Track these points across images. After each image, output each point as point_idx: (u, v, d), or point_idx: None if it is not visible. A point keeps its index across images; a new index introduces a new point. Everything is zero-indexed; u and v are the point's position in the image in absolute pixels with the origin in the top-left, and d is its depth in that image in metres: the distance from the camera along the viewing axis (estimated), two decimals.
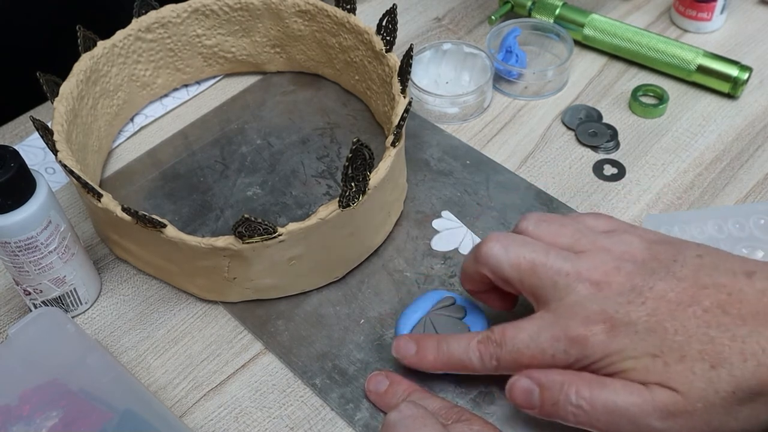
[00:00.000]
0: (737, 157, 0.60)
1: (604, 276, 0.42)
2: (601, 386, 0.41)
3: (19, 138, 0.66)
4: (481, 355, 0.44)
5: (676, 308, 0.40)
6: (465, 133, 0.64)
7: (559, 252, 0.43)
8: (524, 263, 0.43)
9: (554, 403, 0.41)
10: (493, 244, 0.44)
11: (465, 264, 0.47)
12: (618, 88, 0.66)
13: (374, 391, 0.47)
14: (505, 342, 0.43)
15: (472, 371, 0.45)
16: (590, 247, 0.44)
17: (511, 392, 0.43)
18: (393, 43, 0.58)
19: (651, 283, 0.41)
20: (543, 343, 0.42)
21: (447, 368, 0.46)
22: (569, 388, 0.41)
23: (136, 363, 0.51)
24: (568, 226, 0.45)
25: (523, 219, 0.46)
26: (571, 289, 0.42)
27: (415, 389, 0.46)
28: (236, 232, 0.47)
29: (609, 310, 0.41)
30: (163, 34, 0.63)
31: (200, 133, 0.64)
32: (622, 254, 0.43)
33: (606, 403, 0.40)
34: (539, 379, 0.42)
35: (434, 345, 0.46)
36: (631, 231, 0.45)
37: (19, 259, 0.48)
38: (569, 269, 0.42)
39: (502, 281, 0.45)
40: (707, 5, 0.68)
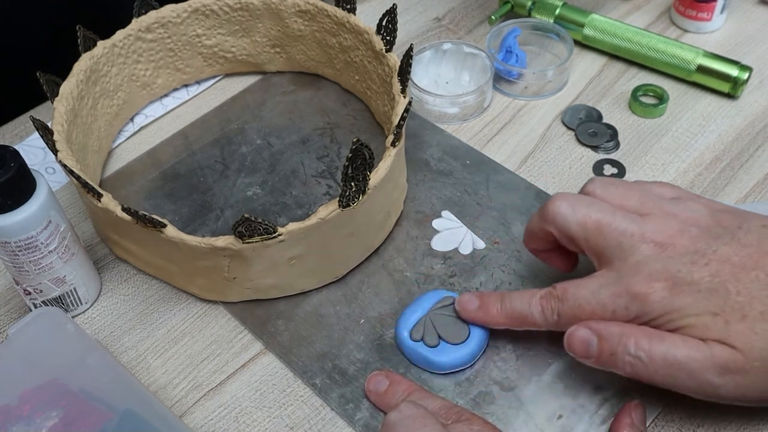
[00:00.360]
0: (737, 157, 0.60)
1: (668, 238, 0.43)
2: (661, 339, 0.41)
3: (19, 138, 0.66)
4: (543, 309, 0.45)
5: (739, 271, 0.41)
6: (465, 133, 0.64)
7: (625, 214, 0.44)
8: (590, 222, 0.44)
9: (612, 353, 0.42)
10: (560, 203, 0.45)
11: (530, 222, 0.48)
12: (618, 88, 0.66)
13: (374, 391, 0.47)
14: (567, 297, 0.44)
15: (534, 326, 0.46)
16: (656, 211, 0.45)
17: (569, 342, 0.44)
18: (393, 43, 0.58)
19: (715, 246, 0.42)
20: (604, 299, 0.43)
21: (509, 322, 0.47)
22: (628, 339, 0.42)
23: (136, 363, 0.51)
24: (635, 190, 0.46)
25: (591, 182, 0.47)
26: (635, 249, 0.43)
27: (415, 389, 0.46)
28: (236, 232, 0.47)
29: (672, 269, 0.42)
30: (163, 34, 0.63)
31: (200, 133, 0.64)
32: (687, 219, 0.44)
33: (665, 356, 0.41)
34: (598, 329, 0.43)
35: (497, 300, 0.47)
36: (697, 199, 0.46)
37: (19, 259, 0.48)
38: (634, 230, 0.43)
39: (567, 239, 0.46)
40: (707, 5, 0.68)
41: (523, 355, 0.49)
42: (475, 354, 0.49)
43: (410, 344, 0.49)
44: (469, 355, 0.48)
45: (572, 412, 0.47)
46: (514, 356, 0.49)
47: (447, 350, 0.48)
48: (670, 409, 0.47)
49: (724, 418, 0.46)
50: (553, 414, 0.47)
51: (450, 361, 0.48)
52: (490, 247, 0.55)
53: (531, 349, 0.50)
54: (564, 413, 0.47)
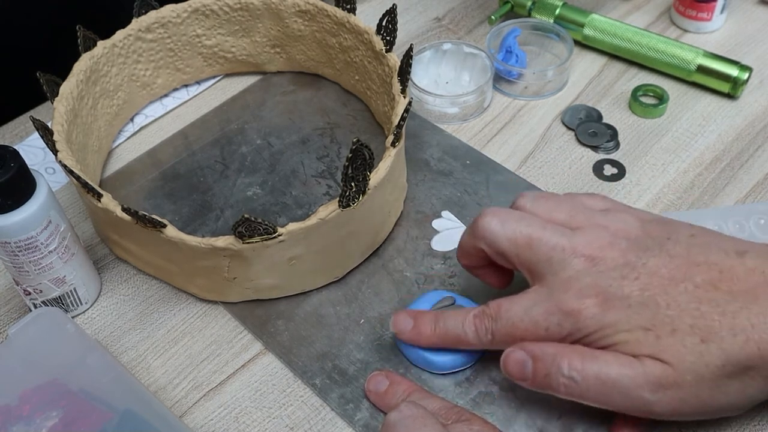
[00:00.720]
0: (737, 157, 0.60)
1: (598, 251, 0.43)
2: (593, 358, 0.41)
3: (19, 138, 0.66)
4: (477, 329, 0.45)
5: (668, 283, 0.41)
6: (465, 133, 0.64)
7: (555, 227, 0.44)
8: (521, 238, 0.44)
9: (546, 375, 0.42)
10: (490, 219, 0.45)
11: (462, 239, 0.48)
12: (618, 88, 0.66)
13: (374, 391, 0.47)
14: (500, 315, 0.44)
15: (468, 346, 0.46)
16: (586, 223, 0.44)
17: (505, 364, 0.44)
18: (393, 43, 0.58)
19: (644, 259, 0.42)
20: (537, 317, 0.43)
21: (443, 343, 0.47)
22: (561, 359, 0.42)
23: (136, 363, 0.51)
24: (565, 203, 0.46)
25: (520, 196, 0.47)
26: (566, 263, 0.43)
27: (415, 389, 0.46)
28: (236, 232, 0.47)
29: (602, 284, 0.42)
30: (163, 34, 0.63)
31: (200, 133, 0.64)
32: (616, 231, 0.44)
33: (598, 375, 0.41)
34: (533, 350, 0.43)
35: (431, 320, 0.47)
36: (626, 210, 0.46)
37: (19, 259, 0.48)
38: (565, 244, 0.43)
39: (499, 255, 0.45)
40: (707, 5, 0.68)
41: None
42: (475, 354, 0.49)
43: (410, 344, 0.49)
44: (469, 355, 0.48)
45: (572, 412, 0.47)
46: None
47: (447, 350, 0.48)
48: None
49: (725, 418, 0.46)
50: (553, 414, 0.47)
51: (450, 361, 0.48)
52: None
53: None
54: (564, 413, 0.47)
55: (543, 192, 0.47)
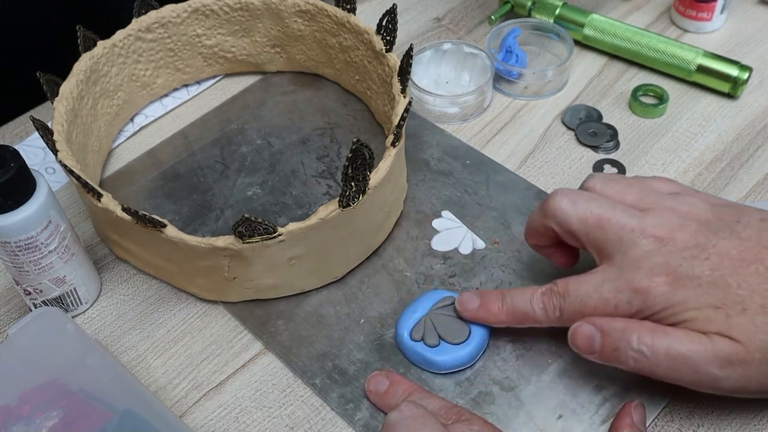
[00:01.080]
0: (737, 157, 0.60)
1: (668, 233, 0.43)
2: (664, 333, 0.42)
3: (19, 138, 0.66)
4: (545, 305, 0.45)
5: (739, 264, 0.42)
6: (465, 133, 0.64)
7: (625, 208, 0.45)
8: (591, 217, 0.45)
9: (615, 348, 0.43)
10: (561, 198, 0.46)
11: (531, 218, 0.49)
12: (618, 88, 0.66)
13: (374, 391, 0.47)
14: (569, 293, 0.45)
15: (536, 322, 0.46)
16: (655, 205, 0.45)
17: (573, 338, 0.44)
18: (393, 43, 0.58)
19: (714, 241, 0.43)
20: (606, 294, 0.43)
21: (511, 320, 0.47)
22: (630, 334, 0.42)
23: (136, 363, 0.51)
24: (634, 185, 0.47)
25: (590, 178, 0.48)
26: (635, 243, 0.43)
27: (416, 389, 0.46)
28: (236, 232, 0.47)
29: (673, 264, 0.42)
30: (163, 34, 0.63)
31: (200, 133, 0.64)
32: (686, 214, 0.44)
33: (668, 350, 0.41)
34: (601, 324, 0.43)
35: (498, 298, 0.47)
36: (695, 194, 0.46)
37: (19, 259, 0.48)
38: (635, 225, 0.44)
39: (568, 235, 0.46)
40: (707, 5, 0.68)
41: (523, 355, 0.49)
42: (475, 354, 0.49)
43: (410, 344, 0.49)
44: (469, 355, 0.48)
45: (572, 412, 0.47)
46: (514, 356, 0.49)
47: (447, 350, 0.48)
48: (670, 409, 0.47)
49: (724, 418, 0.46)
50: (553, 414, 0.47)
51: (450, 361, 0.48)
52: (490, 247, 0.55)
53: (531, 349, 0.50)
54: (564, 413, 0.47)
55: (612, 174, 0.48)
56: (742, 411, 0.46)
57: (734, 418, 0.46)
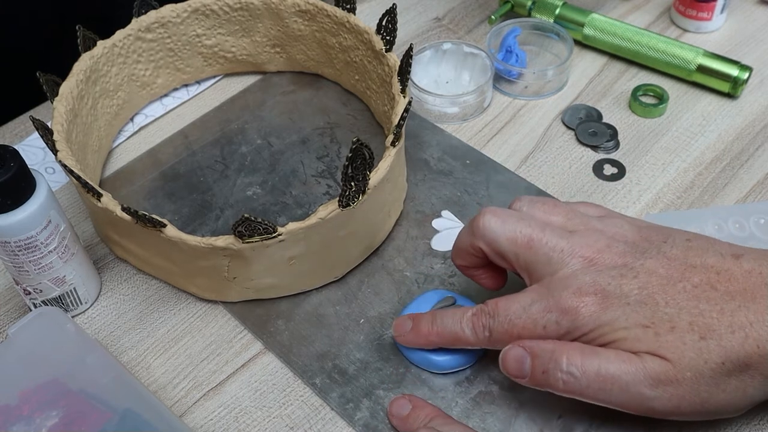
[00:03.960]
0: (737, 157, 0.60)
1: (596, 253, 0.43)
2: (594, 354, 0.41)
3: (19, 138, 0.66)
4: (474, 326, 0.45)
5: (666, 283, 0.42)
6: (465, 133, 0.64)
7: (554, 229, 0.44)
8: (521, 238, 0.44)
9: (544, 371, 0.42)
10: (490, 217, 0.45)
11: (459, 238, 0.48)
12: (618, 87, 0.66)
13: (396, 416, 0.46)
14: (498, 313, 0.44)
15: (466, 344, 0.46)
16: (583, 227, 0.45)
17: (503, 361, 0.44)
18: (393, 42, 0.58)
19: (642, 260, 0.43)
20: (535, 314, 0.43)
21: (442, 341, 0.47)
22: (560, 355, 0.42)
23: (136, 363, 0.51)
24: (561, 207, 0.47)
25: (517, 200, 0.47)
26: (564, 263, 0.43)
27: (437, 414, 0.46)
28: (236, 232, 0.47)
29: (601, 282, 0.42)
30: (163, 33, 0.63)
31: (200, 133, 0.64)
32: (614, 235, 0.44)
33: (598, 371, 0.41)
34: (531, 347, 0.43)
35: (429, 320, 0.47)
36: (622, 217, 0.46)
37: (18, 259, 0.48)
38: (564, 245, 0.44)
39: (497, 255, 0.46)
40: (707, 5, 0.68)
41: None
42: (475, 354, 0.49)
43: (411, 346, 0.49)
44: (469, 355, 0.48)
45: (572, 412, 0.47)
46: None
47: (447, 350, 0.48)
48: None
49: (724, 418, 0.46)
50: (553, 414, 0.47)
51: (450, 361, 0.48)
52: None
53: None
54: (564, 413, 0.47)
55: (538, 196, 0.48)
56: None
57: (734, 418, 0.46)
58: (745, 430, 0.46)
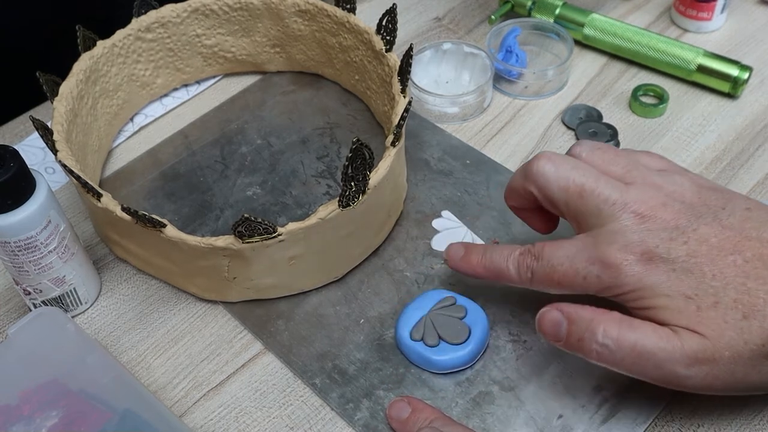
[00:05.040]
0: (737, 157, 0.60)
1: (650, 210, 0.42)
2: (631, 328, 0.41)
3: (19, 138, 0.66)
4: (519, 265, 0.45)
5: (717, 253, 0.41)
6: (465, 133, 0.64)
7: (609, 180, 0.43)
8: (573, 186, 0.44)
9: (579, 339, 0.42)
10: (544, 162, 0.45)
11: (512, 179, 0.48)
12: (618, 87, 0.66)
13: (396, 418, 0.46)
14: (543, 256, 0.44)
15: (509, 281, 0.46)
16: (641, 180, 0.44)
17: (540, 322, 0.44)
18: (393, 42, 0.58)
19: (696, 225, 0.41)
20: (578, 264, 0.43)
21: (487, 273, 0.47)
22: (597, 325, 0.41)
23: (136, 363, 0.51)
24: (622, 157, 0.45)
25: (577, 145, 0.46)
26: (615, 217, 0.42)
27: (437, 416, 0.45)
28: (236, 232, 0.47)
29: (649, 243, 0.41)
30: (163, 33, 0.63)
31: (200, 133, 0.64)
32: (671, 193, 0.43)
33: (635, 345, 0.40)
34: (569, 312, 0.42)
35: (480, 251, 0.47)
36: (684, 173, 0.45)
37: (18, 259, 0.48)
38: (616, 198, 0.43)
39: (548, 201, 0.45)
40: (707, 5, 0.68)
41: (523, 355, 0.49)
42: (475, 354, 0.49)
43: (410, 344, 0.49)
44: (469, 355, 0.48)
45: (572, 412, 0.47)
46: (514, 356, 0.49)
47: (447, 350, 0.48)
48: (670, 409, 0.47)
49: (725, 418, 0.46)
50: (553, 414, 0.47)
51: (450, 361, 0.48)
52: None
53: (531, 349, 0.50)
54: (564, 413, 0.47)
55: (600, 143, 0.47)
56: (742, 411, 0.46)
57: (734, 418, 0.46)
58: (746, 429, 0.46)
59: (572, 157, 0.46)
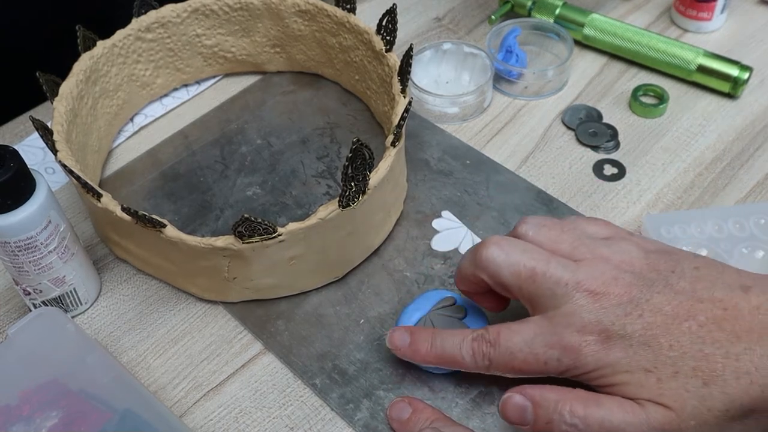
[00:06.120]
0: (737, 157, 0.60)
1: (602, 286, 0.42)
2: (597, 405, 0.41)
3: (19, 138, 0.66)
4: (474, 353, 0.44)
5: (671, 322, 0.41)
6: (465, 133, 0.64)
7: (559, 261, 0.43)
8: (524, 271, 0.43)
9: (548, 422, 0.41)
10: (493, 249, 0.44)
11: (462, 266, 0.47)
12: (618, 87, 0.66)
13: (396, 419, 0.46)
14: (499, 343, 0.43)
15: (464, 368, 0.45)
16: (589, 255, 0.44)
17: (503, 408, 0.43)
18: (393, 42, 0.58)
19: (648, 295, 0.41)
20: (537, 349, 0.42)
21: (439, 362, 0.46)
22: (563, 405, 0.41)
23: (136, 363, 0.51)
24: (568, 232, 0.45)
25: (523, 222, 0.46)
26: (569, 298, 0.42)
27: (438, 417, 0.45)
28: (236, 232, 0.47)
29: (605, 322, 0.41)
30: (163, 33, 0.63)
31: (200, 133, 0.64)
32: (620, 263, 0.43)
33: (602, 422, 0.40)
34: (533, 395, 0.42)
35: (428, 338, 0.46)
36: (630, 239, 0.45)
37: (18, 259, 0.48)
38: (568, 278, 0.42)
39: (500, 286, 0.45)
40: (707, 5, 0.68)
41: None
42: None
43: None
44: None
45: None
46: None
47: None
48: None
49: None
50: None
51: None
52: None
53: None
54: None
55: (545, 218, 0.46)
56: None
57: None
58: None
59: (518, 237, 0.46)
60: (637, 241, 0.45)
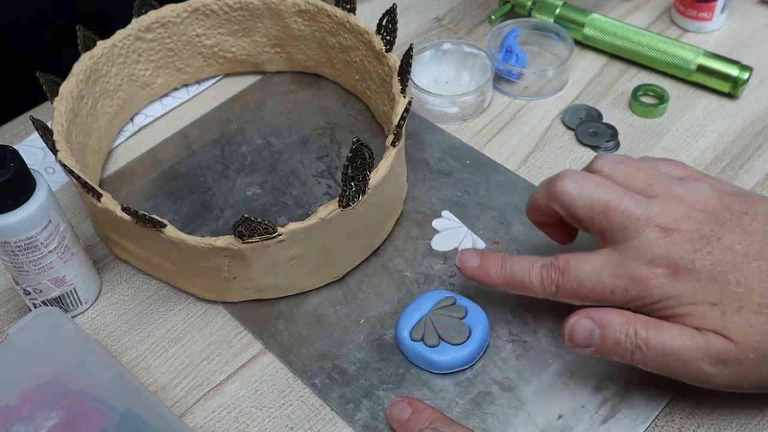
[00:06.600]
0: (737, 157, 0.60)
1: (673, 222, 0.43)
2: (658, 329, 0.42)
3: (19, 138, 0.66)
4: (543, 278, 0.45)
5: (741, 260, 0.42)
6: (465, 133, 0.64)
7: (632, 195, 0.44)
8: (597, 204, 0.44)
9: (616, 342, 0.43)
10: (568, 182, 0.45)
11: (535, 196, 0.48)
12: (618, 87, 0.66)
13: (396, 419, 0.46)
14: (568, 270, 0.44)
15: (531, 293, 0.46)
16: (663, 192, 0.44)
17: (571, 332, 0.44)
18: (393, 42, 0.58)
19: (720, 233, 0.42)
20: (605, 278, 0.43)
21: (507, 285, 0.47)
22: (630, 327, 0.42)
23: (136, 363, 0.51)
24: (643, 170, 0.46)
25: (599, 158, 0.47)
26: (639, 232, 0.43)
27: (438, 417, 0.45)
28: (236, 232, 0.47)
29: (674, 256, 0.42)
30: (163, 33, 0.63)
31: (200, 133, 0.64)
32: (694, 203, 0.44)
33: (663, 346, 0.42)
34: (600, 319, 0.43)
35: (498, 261, 0.47)
36: (704, 180, 0.46)
37: (18, 259, 0.48)
38: (640, 213, 0.43)
39: (573, 218, 0.46)
40: (707, 5, 0.68)
41: (523, 355, 0.49)
42: (475, 354, 0.49)
43: (410, 344, 0.49)
44: (469, 355, 0.48)
45: (572, 412, 0.47)
46: (514, 356, 0.49)
47: (447, 350, 0.48)
48: (670, 409, 0.47)
49: (725, 418, 0.46)
50: (553, 414, 0.47)
51: (450, 361, 0.48)
52: (490, 247, 0.55)
53: (531, 349, 0.50)
54: (564, 413, 0.47)
55: (620, 155, 0.47)
56: (742, 411, 0.46)
57: (734, 418, 0.46)
58: (746, 429, 0.46)
59: (593, 172, 0.46)
60: (712, 182, 0.46)
